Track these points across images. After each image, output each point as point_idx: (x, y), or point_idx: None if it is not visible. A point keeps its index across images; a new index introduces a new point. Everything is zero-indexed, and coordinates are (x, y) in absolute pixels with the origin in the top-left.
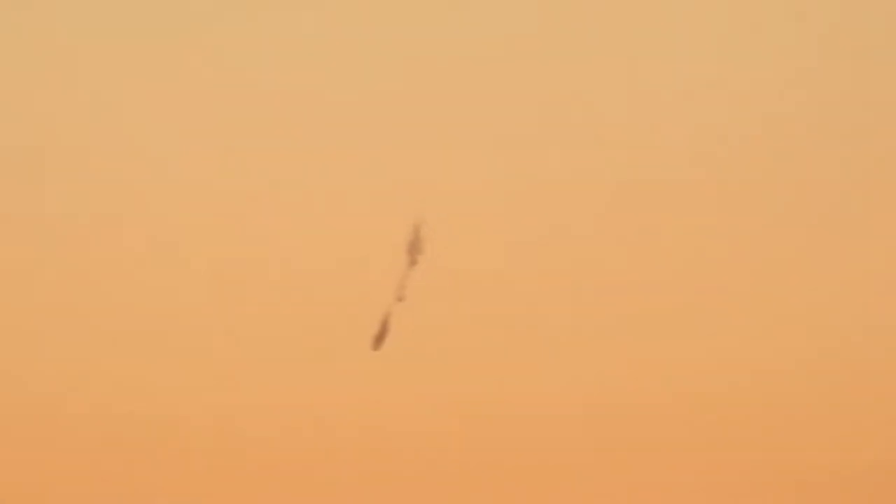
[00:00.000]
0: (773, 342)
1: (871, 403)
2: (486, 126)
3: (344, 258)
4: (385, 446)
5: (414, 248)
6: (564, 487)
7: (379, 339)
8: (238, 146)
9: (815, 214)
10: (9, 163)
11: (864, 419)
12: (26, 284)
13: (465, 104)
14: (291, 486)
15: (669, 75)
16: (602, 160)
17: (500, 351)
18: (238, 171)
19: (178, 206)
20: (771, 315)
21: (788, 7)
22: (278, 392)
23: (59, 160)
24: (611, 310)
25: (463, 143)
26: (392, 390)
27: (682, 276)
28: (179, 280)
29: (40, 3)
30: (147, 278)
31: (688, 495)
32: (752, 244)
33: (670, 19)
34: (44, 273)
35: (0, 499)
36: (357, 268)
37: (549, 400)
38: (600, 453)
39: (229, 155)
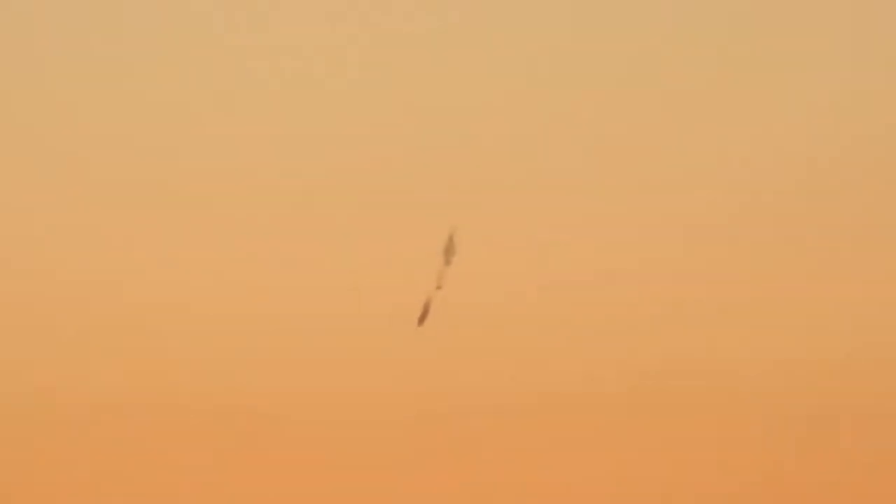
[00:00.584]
0: None
1: None
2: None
3: (398, 259)
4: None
5: (449, 251)
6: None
7: (422, 318)
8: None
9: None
10: None
11: None
12: None
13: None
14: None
15: None
16: (627, 175)
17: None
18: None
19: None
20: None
21: None
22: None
23: None
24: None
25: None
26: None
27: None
28: (217, 297)
29: None
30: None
31: None
32: None
33: None
34: None
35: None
36: (406, 266)
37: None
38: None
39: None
